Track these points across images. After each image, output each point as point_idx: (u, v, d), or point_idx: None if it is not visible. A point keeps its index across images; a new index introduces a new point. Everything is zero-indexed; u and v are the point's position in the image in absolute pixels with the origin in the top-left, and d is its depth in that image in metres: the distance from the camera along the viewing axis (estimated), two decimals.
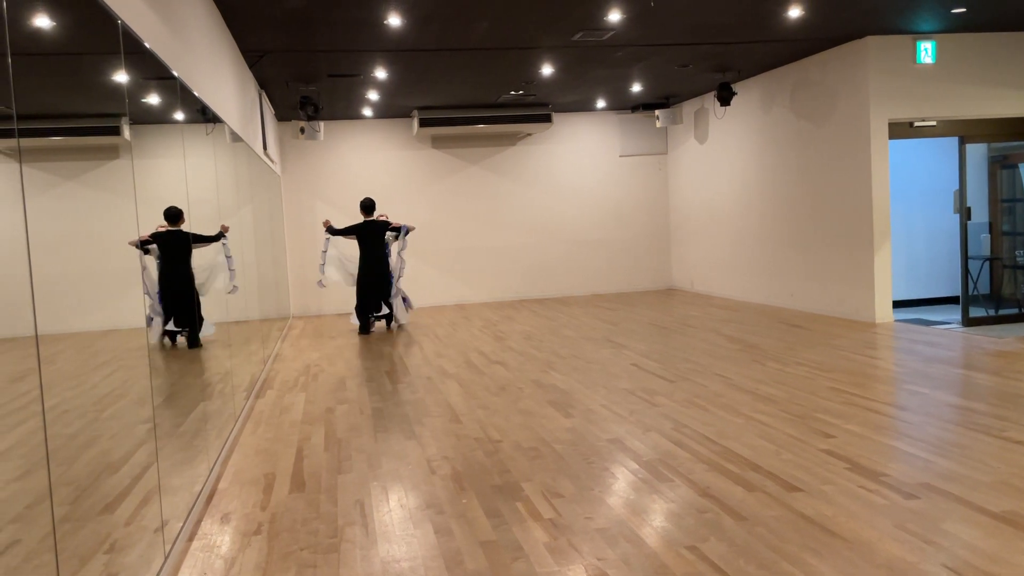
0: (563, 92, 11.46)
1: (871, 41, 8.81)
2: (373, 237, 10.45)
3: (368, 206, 10.55)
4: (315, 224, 12.81)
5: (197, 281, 4.50)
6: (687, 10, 7.24)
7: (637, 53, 9.01)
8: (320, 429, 5.62)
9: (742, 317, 10.03)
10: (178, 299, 3.84)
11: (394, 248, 10.58)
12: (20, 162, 2.31)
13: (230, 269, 5.24)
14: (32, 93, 2.57)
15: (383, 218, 10.64)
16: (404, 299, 10.78)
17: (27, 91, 2.42)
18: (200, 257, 4.75)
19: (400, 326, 10.77)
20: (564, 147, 13.63)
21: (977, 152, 10.10)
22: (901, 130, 9.27)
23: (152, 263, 4.14)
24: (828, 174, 9.61)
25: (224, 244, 4.87)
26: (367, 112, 12.30)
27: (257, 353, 7.56)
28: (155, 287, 4.04)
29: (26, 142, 2.38)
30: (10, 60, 2.25)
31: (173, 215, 3.75)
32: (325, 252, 10.67)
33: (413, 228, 10.99)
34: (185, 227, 4.40)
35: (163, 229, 3.91)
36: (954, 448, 4.50)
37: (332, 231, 10.53)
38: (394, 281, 10.56)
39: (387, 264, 10.51)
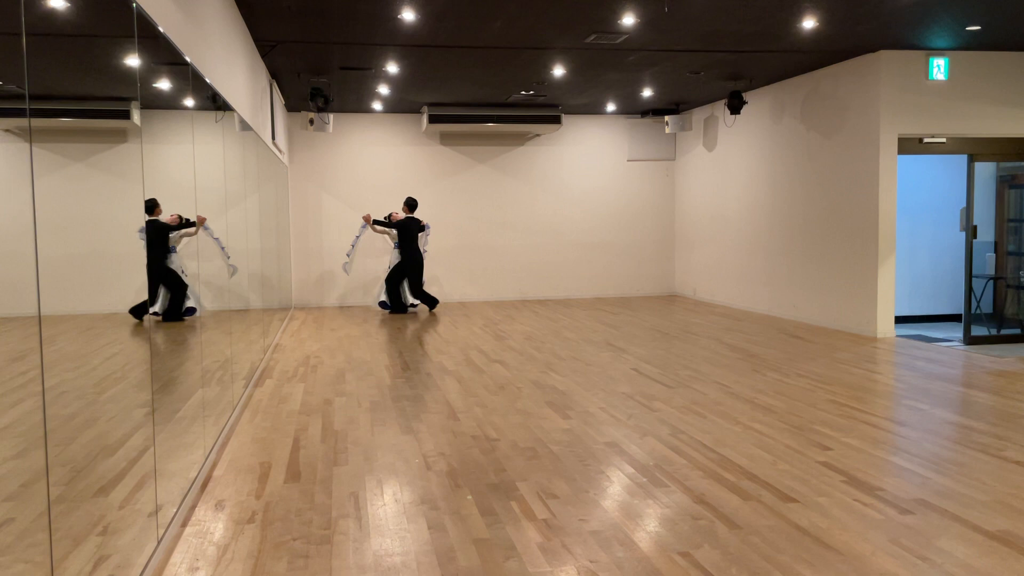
0: (573, 94, 11.46)
1: (884, 55, 8.79)
2: (413, 232, 11.76)
3: (413, 204, 11.87)
4: (320, 215, 12.83)
5: (181, 267, 4.54)
6: (701, 17, 7.23)
7: (649, 58, 9.01)
8: (318, 420, 5.62)
9: (744, 326, 10.02)
10: (157, 283, 3.88)
11: (419, 244, 11.93)
12: (31, 142, 2.31)
13: (225, 255, 5.33)
14: (44, 74, 2.58)
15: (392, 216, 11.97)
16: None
17: (39, 71, 2.43)
18: (189, 246, 4.74)
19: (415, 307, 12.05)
20: (572, 149, 13.63)
21: (985, 171, 10.08)
22: (910, 146, 9.26)
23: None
24: (836, 187, 9.60)
25: (208, 232, 4.91)
26: (377, 106, 12.30)
27: (257, 342, 7.56)
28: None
29: (36, 122, 2.38)
30: (24, 40, 2.25)
31: (150, 206, 3.80)
32: (358, 238, 12.26)
33: (429, 227, 12.34)
34: (162, 217, 4.40)
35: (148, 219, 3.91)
36: (951, 465, 4.49)
37: (378, 223, 11.81)
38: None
39: (421, 257, 11.86)
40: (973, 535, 3.54)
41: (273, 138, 9.37)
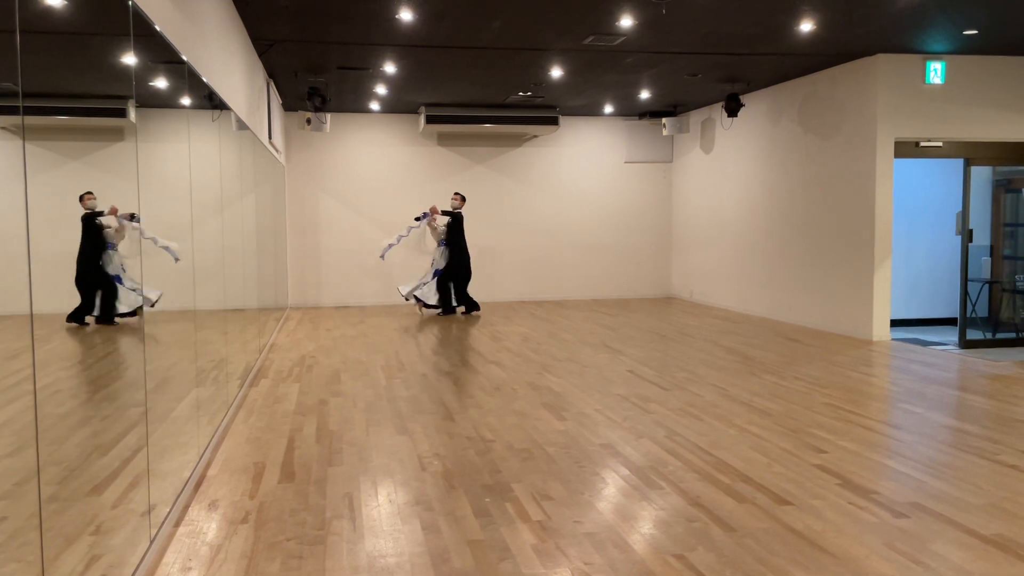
0: (571, 95, 11.46)
1: (881, 59, 8.81)
2: (462, 228, 11.49)
3: (464, 198, 11.66)
4: (317, 215, 12.82)
5: (120, 265, 4.30)
6: (699, 19, 7.23)
7: (647, 60, 9.01)
8: (312, 421, 5.61)
9: (740, 328, 10.02)
10: (90, 280, 3.69)
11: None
12: (23, 139, 2.30)
13: (159, 245, 5.04)
14: (39, 71, 2.57)
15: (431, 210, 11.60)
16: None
17: (34, 69, 2.42)
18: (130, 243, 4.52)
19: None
20: (570, 151, 13.63)
21: (981, 175, 10.09)
22: (907, 149, 9.27)
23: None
24: (832, 190, 9.61)
25: (123, 223, 4.57)
26: (374, 106, 12.29)
27: (253, 342, 7.55)
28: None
29: (31, 120, 2.37)
30: (18, 37, 2.24)
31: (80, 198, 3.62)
32: (413, 230, 11.71)
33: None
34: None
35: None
36: (946, 469, 4.49)
37: (446, 213, 11.41)
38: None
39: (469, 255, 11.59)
40: (968, 539, 3.54)
41: (270, 137, 9.36)
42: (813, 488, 4.18)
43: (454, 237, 11.40)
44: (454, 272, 11.42)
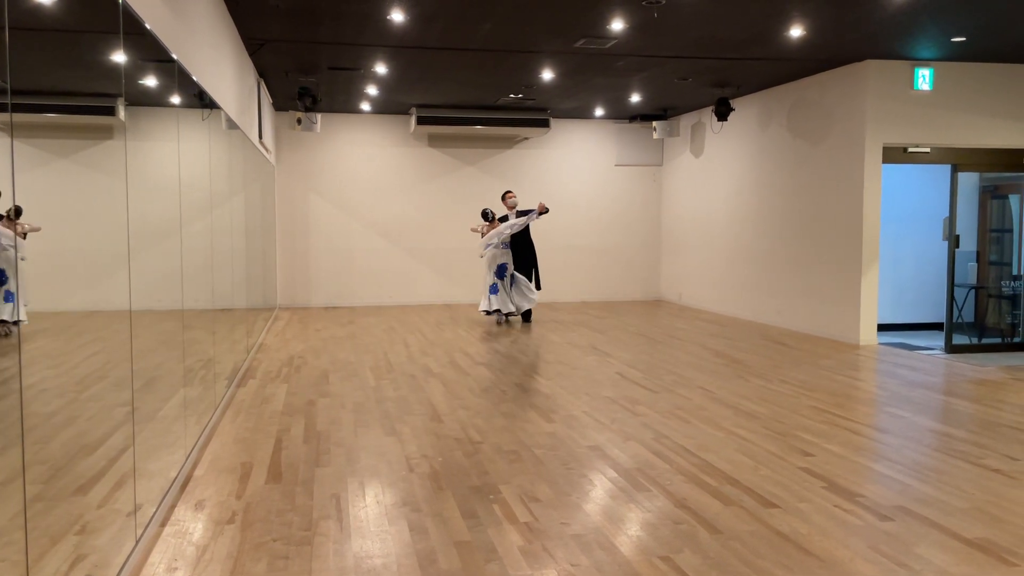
0: (562, 98, 11.48)
1: (870, 65, 8.86)
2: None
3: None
4: (307, 215, 12.79)
5: None
6: (690, 24, 7.26)
7: (638, 63, 9.04)
8: (300, 421, 5.60)
9: (728, 332, 10.06)
10: None
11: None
12: (12, 136, 2.29)
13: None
14: (28, 69, 2.56)
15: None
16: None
17: (23, 66, 2.41)
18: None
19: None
20: (560, 153, 13.64)
21: (969, 181, 10.15)
22: (895, 155, 9.32)
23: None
24: (821, 195, 9.65)
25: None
26: (365, 107, 12.28)
27: (241, 342, 7.52)
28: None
29: (19, 117, 2.36)
30: (7, 34, 2.23)
31: None
32: (502, 234, 11.02)
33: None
34: None
35: None
36: (931, 473, 4.52)
37: (525, 213, 11.01)
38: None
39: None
40: (952, 542, 3.57)
41: (260, 137, 9.33)
42: (799, 491, 4.20)
43: (521, 236, 11.03)
44: (522, 265, 11.00)
